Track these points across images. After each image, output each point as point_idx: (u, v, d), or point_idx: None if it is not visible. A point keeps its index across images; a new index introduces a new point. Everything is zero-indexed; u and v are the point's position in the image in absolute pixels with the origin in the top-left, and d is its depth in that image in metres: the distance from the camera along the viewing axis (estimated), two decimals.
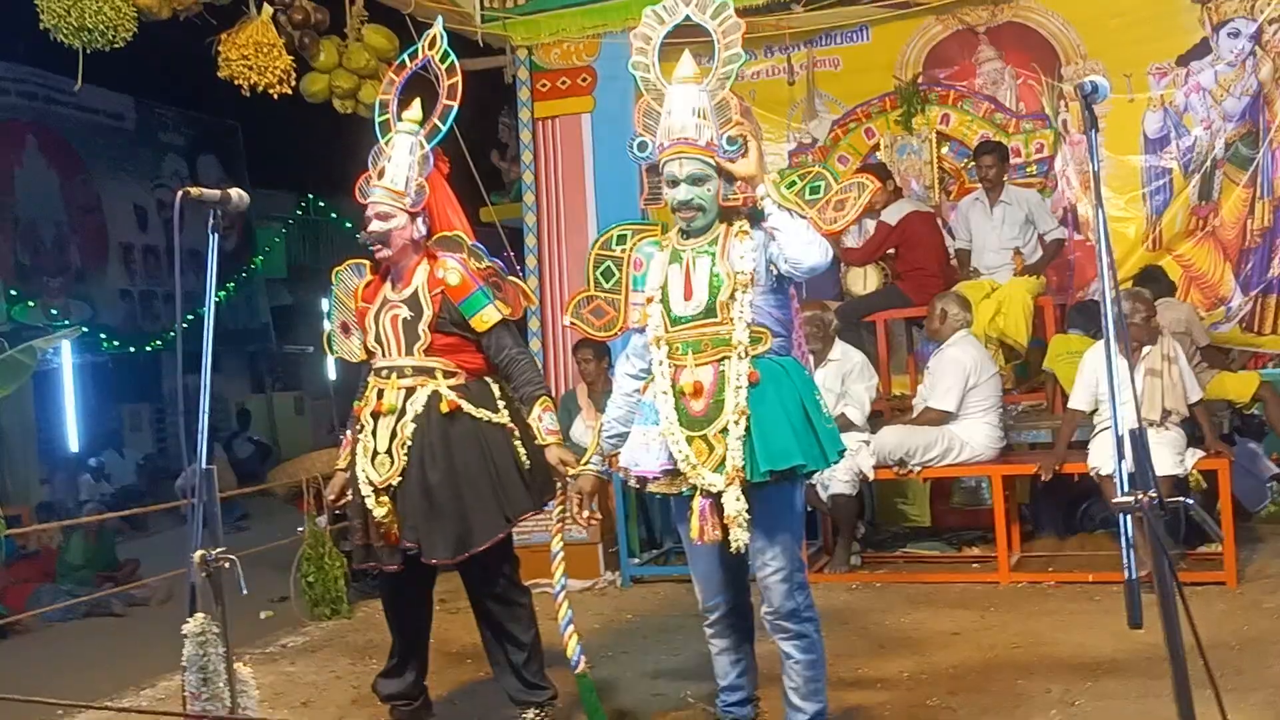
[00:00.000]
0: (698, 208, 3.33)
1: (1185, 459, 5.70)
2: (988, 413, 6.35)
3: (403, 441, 3.91)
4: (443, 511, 3.89)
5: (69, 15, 5.14)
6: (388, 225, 3.95)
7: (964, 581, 6.20)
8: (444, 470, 3.90)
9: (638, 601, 6.39)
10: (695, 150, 3.30)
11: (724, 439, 3.25)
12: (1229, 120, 7.35)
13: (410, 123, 4.07)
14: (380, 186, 3.97)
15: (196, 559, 2.63)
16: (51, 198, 13.89)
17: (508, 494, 3.96)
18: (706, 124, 3.31)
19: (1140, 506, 2.01)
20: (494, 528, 3.93)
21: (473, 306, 3.97)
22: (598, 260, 3.78)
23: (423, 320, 3.94)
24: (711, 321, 3.34)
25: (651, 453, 3.39)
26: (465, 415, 3.93)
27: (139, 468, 14.68)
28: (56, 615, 7.89)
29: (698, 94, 3.34)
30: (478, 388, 4.02)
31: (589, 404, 7.27)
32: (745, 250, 3.32)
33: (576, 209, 8.07)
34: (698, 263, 3.37)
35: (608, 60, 7.95)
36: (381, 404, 3.96)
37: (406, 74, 4.22)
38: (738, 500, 3.21)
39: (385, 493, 3.92)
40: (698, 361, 3.34)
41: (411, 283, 4.00)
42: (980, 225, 7.50)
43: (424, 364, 3.95)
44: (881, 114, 8.28)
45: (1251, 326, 7.20)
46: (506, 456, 3.98)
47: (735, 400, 3.25)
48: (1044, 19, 7.88)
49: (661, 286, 3.43)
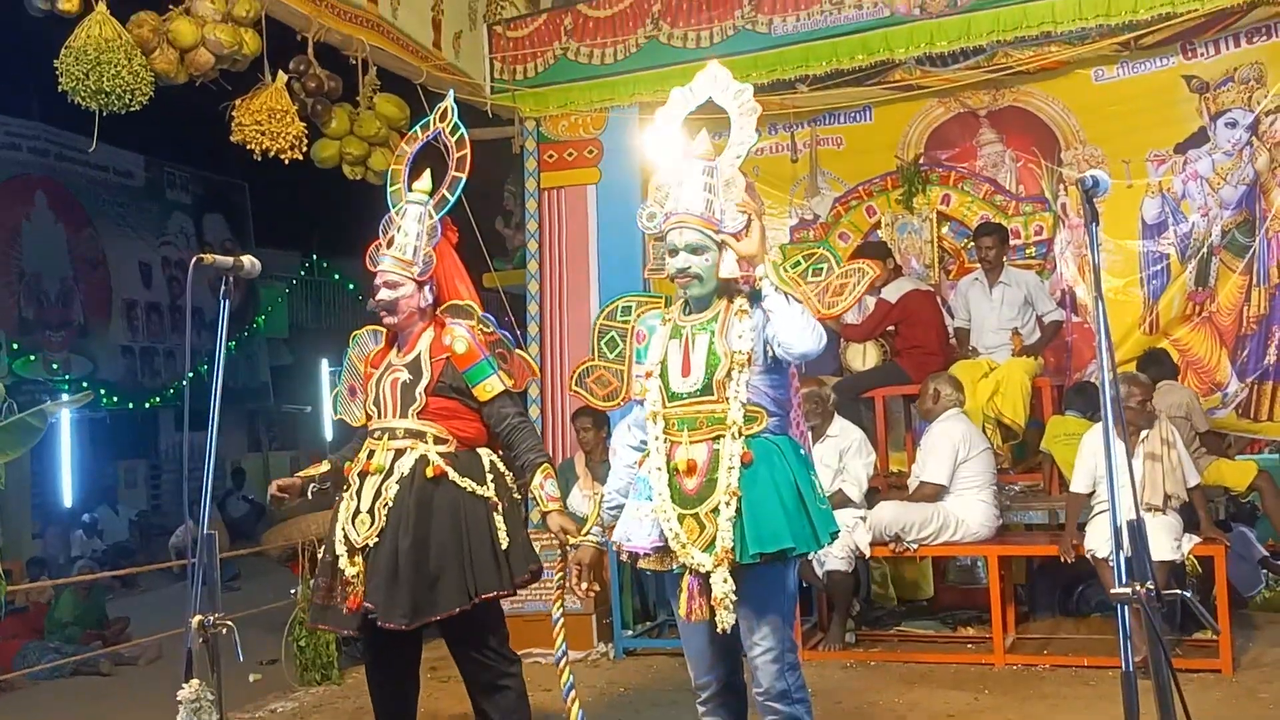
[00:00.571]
0: (694, 275, 3.36)
1: (1182, 544, 5.70)
2: (981, 489, 6.36)
3: (385, 502, 3.91)
4: (406, 576, 3.85)
5: (88, 79, 5.21)
6: (395, 294, 4.01)
7: (959, 662, 6.17)
8: (415, 535, 3.87)
9: (631, 674, 6.35)
10: (696, 221, 3.35)
11: (715, 518, 3.26)
12: (1226, 208, 7.43)
13: (420, 193, 4.14)
14: (389, 255, 4.03)
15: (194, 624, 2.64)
16: (58, 252, 13.98)
17: (476, 570, 3.91)
18: (713, 199, 3.37)
19: (1138, 597, 2.02)
20: (454, 601, 3.87)
21: (477, 375, 4.00)
22: (602, 330, 3.81)
23: (421, 384, 3.97)
24: (708, 399, 3.35)
25: (643, 529, 3.39)
26: (449, 483, 3.93)
27: (132, 524, 14.62)
28: (43, 673, 7.82)
29: (708, 169, 3.40)
30: (467, 457, 4.01)
31: (586, 473, 7.28)
32: (744, 329, 3.34)
33: (579, 279, 8.13)
34: (697, 339, 3.40)
35: (614, 133, 8.07)
36: (370, 464, 3.99)
37: (418, 145, 4.30)
38: (725, 582, 3.21)
39: (361, 552, 3.91)
40: (692, 439, 3.34)
41: (415, 347, 4.05)
42: (979, 305, 7.56)
43: (416, 427, 3.97)
44: (883, 193, 8.37)
45: (1248, 413, 7.22)
46: (483, 532, 3.94)
47: (727, 481, 3.25)
48: (1044, 104, 8.00)
49: (661, 361, 3.45)
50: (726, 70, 3.55)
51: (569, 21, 8.00)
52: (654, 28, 7.73)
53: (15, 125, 13.18)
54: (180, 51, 5.66)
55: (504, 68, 8.18)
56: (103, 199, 14.77)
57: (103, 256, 14.68)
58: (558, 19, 8.07)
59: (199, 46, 5.69)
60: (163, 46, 5.61)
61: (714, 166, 3.41)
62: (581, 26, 7.96)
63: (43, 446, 13.63)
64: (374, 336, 4.30)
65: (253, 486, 16.35)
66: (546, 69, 8.09)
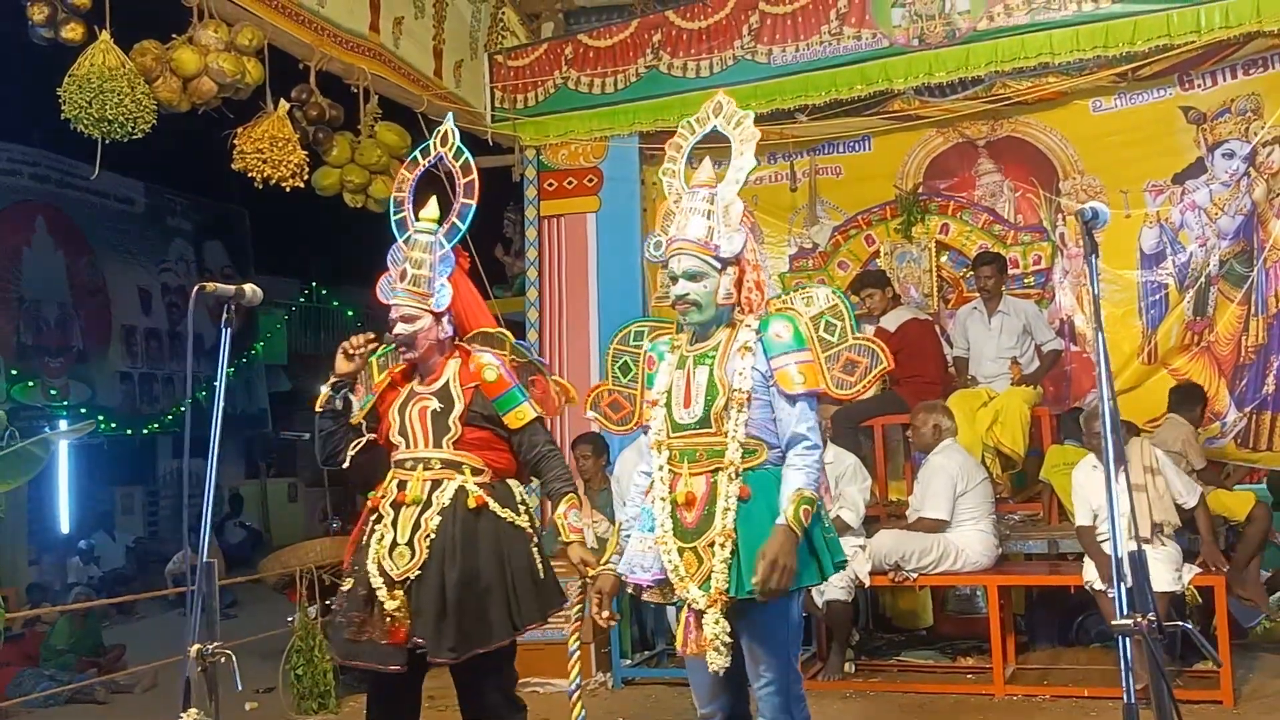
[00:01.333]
0: (692, 302, 3.35)
1: (1182, 575, 5.68)
2: (981, 519, 6.36)
3: (426, 534, 3.80)
4: (456, 609, 3.76)
5: (90, 107, 5.22)
6: (413, 327, 3.90)
7: (959, 692, 6.14)
8: (463, 567, 3.79)
9: (629, 703, 6.32)
10: (693, 248, 3.34)
11: (711, 553, 3.24)
12: (1224, 238, 7.45)
13: (429, 221, 4.03)
14: (403, 289, 3.92)
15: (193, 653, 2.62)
16: (57, 278, 14.00)
17: (520, 601, 3.85)
18: (712, 225, 3.37)
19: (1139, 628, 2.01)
20: (502, 632, 3.82)
21: (508, 403, 3.91)
22: (615, 355, 3.80)
23: (454, 413, 3.88)
24: (706, 432, 3.33)
25: (646, 561, 3.37)
26: (490, 513, 3.86)
27: (129, 551, 14.57)
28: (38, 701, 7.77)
29: (708, 196, 3.41)
30: (502, 488, 3.95)
31: (585, 500, 7.26)
32: (744, 367, 3.32)
33: (579, 307, 8.14)
34: (697, 370, 3.38)
35: (614, 162, 8.10)
36: (405, 494, 3.86)
37: (419, 170, 4.20)
38: (716, 623, 3.18)
39: (400, 585, 3.79)
40: (692, 471, 3.33)
41: (442, 376, 3.96)
42: (978, 334, 7.57)
43: (452, 457, 3.88)
44: (882, 222, 8.39)
45: (1246, 442, 7.21)
46: (524, 561, 3.89)
47: (722, 522, 3.23)
48: (1042, 135, 8.04)
49: (666, 390, 3.44)
50: (731, 100, 3.55)
51: (569, 51, 8.05)
52: (654, 58, 7.77)
53: (17, 152, 13.22)
54: (183, 80, 5.70)
55: (504, 96, 8.22)
56: (103, 225, 14.79)
57: (102, 283, 14.69)
58: (558, 49, 8.11)
59: (202, 75, 5.72)
60: (165, 75, 5.64)
61: (714, 193, 3.41)
62: (582, 56, 8.00)
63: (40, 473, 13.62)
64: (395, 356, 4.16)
65: (250, 513, 16.33)
66: (547, 98, 8.13)
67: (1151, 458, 5.82)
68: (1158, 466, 5.80)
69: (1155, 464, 5.80)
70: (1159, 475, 5.78)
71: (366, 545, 3.90)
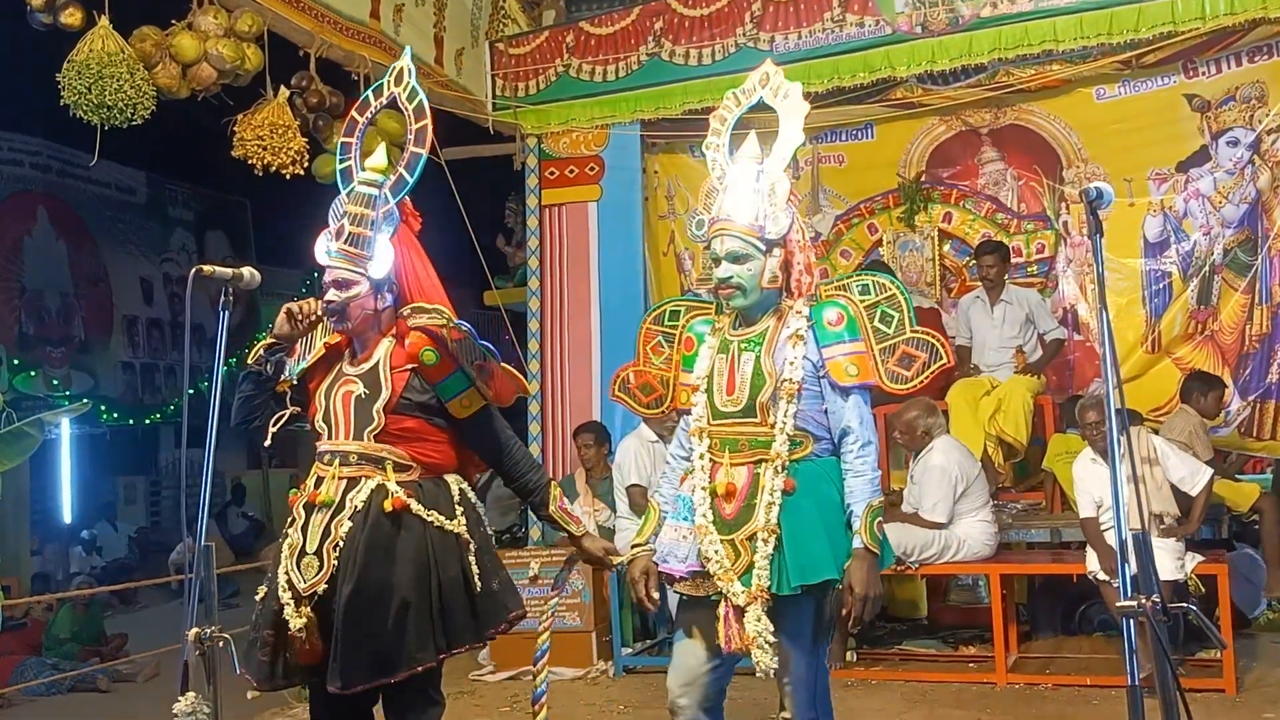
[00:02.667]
0: (736, 286, 3.18)
1: (1185, 563, 5.67)
2: (980, 510, 6.34)
3: (335, 542, 3.28)
4: (366, 630, 3.23)
5: (89, 93, 5.22)
6: (347, 295, 3.38)
7: (960, 681, 6.13)
8: (369, 580, 3.25)
9: (630, 692, 6.31)
10: (738, 229, 3.17)
11: (750, 547, 3.09)
12: (1228, 227, 7.42)
13: (374, 171, 3.51)
14: (339, 249, 3.40)
15: (191, 637, 2.61)
16: (59, 268, 14.00)
17: (448, 619, 3.31)
18: (759, 204, 3.18)
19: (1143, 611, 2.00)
20: (423, 657, 3.26)
21: (452, 389, 3.40)
22: (649, 334, 3.55)
23: (379, 400, 3.35)
24: (750, 421, 3.16)
25: (681, 551, 3.21)
26: (413, 518, 3.31)
27: (131, 541, 14.60)
28: (41, 689, 7.79)
29: (755, 173, 3.23)
30: (432, 487, 3.40)
31: (587, 489, 7.26)
32: (795, 356, 3.15)
33: (580, 296, 8.13)
34: (742, 357, 3.21)
35: (616, 150, 8.07)
36: (318, 494, 3.35)
37: (370, 113, 3.68)
38: (759, 620, 3.03)
39: (308, 601, 3.29)
40: (734, 461, 3.17)
41: (373, 356, 3.43)
42: (981, 323, 7.55)
43: (372, 452, 3.35)
44: (884, 210, 8.37)
45: (1250, 432, 7.19)
46: (455, 573, 3.34)
47: (766, 517, 3.08)
48: (1046, 123, 8.00)
49: (707, 376, 3.27)
50: (779, 71, 3.38)
51: (571, 39, 8.02)
52: (656, 45, 7.75)
53: (18, 141, 13.23)
54: (182, 66, 5.69)
55: (505, 85, 8.19)
56: (104, 215, 14.79)
57: (104, 273, 14.70)
58: (559, 36, 8.09)
59: (201, 61, 5.71)
60: (165, 61, 5.63)
61: (762, 170, 3.24)
62: (583, 44, 7.98)
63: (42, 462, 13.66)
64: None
65: (252, 503, 16.33)
66: (548, 86, 8.10)
67: (1149, 448, 5.79)
68: (1155, 457, 5.77)
69: (1153, 454, 5.77)
70: (1156, 466, 5.75)
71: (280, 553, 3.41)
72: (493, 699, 6.29)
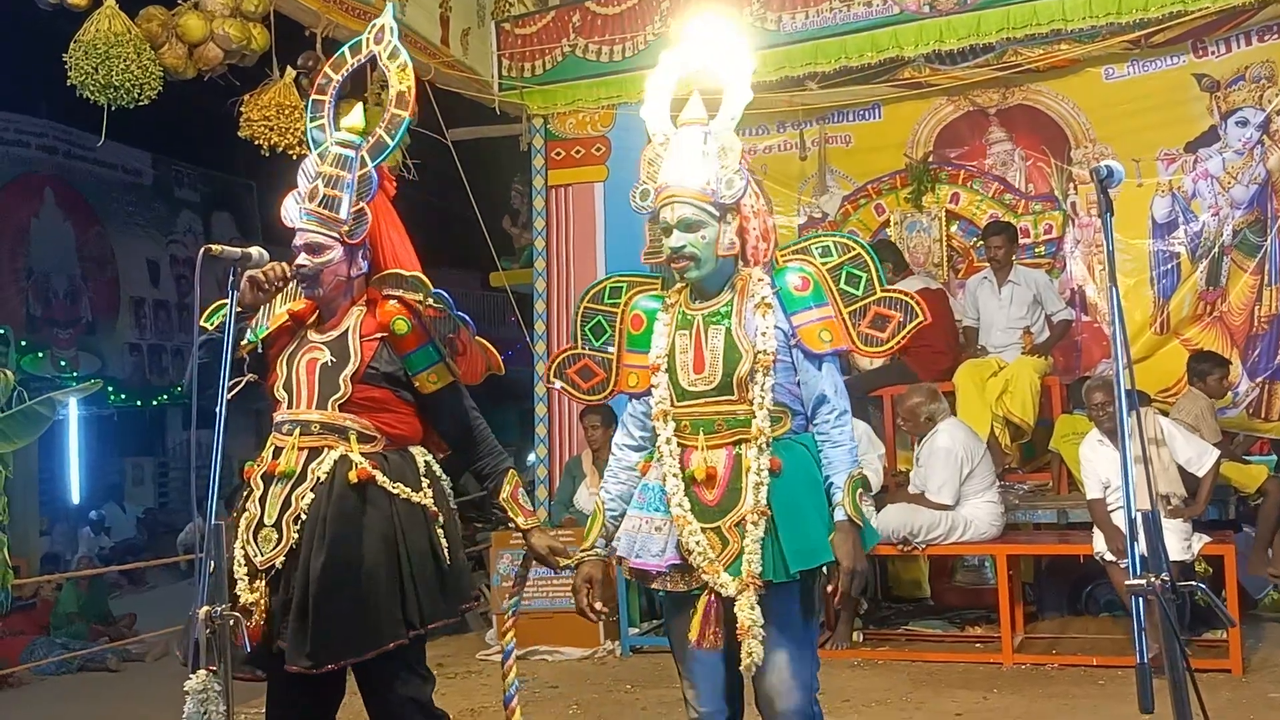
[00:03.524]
0: (690, 256, 2.95)
1: (1191, 544, 5.67)
2: (986, 491, 6.35)
3: (296, 514, 3.14)
4: (323, 606, 3.07)
5: (96, 73, 5.22)
6: (319, 260, 3.23)
7: (967, 661, 6.15)
8: (335, 555, 3.10)
9: (637, 672, 6.33)
10: (690, 194, 2.94)
11: (739, 534, 2.86)
12: (1237, 207, 7.40)
13: (350, 132, 3.35)
14: (312, 210, 3.25)
15: (201, 615, 2.62)
16: (66, 250, 14.03)
17: (419, 594, 3.17)
18: (709, 167, 2.96)
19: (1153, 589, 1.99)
20: (391, 633, 3.12)
21: (421, 363, 3.26)
22: (587, 314, 3.31)
23: (346, 369, 3.20)
24: (726, 399, 2.94)
25: (655, 544, 2.97)
26: (378, 490, 3.17)
27: (139, 522, 14.66)
28: (50, 669, 7.83)
29: (701, 135, 3.00)
30: (397, 459, 3.26)
31: (594, 470, 7.27)
32: (766, 326, 2.93)
33: (587, 276, 8.08)
34: (709, 331, 2.98)
35: (622, 130, 8.04)
36: (277, 465, 3.20)
37: (346, 70, 3.49)
38: (751, 609, 2.81)
39: (265, 575, 3.14)
40: (710, 443, 2.94)
41: (342, 324, 3.29)
42: (988, 304, 7.54)
43: (335, 421, 3.20)
44: (892, 191, 8.35)
45: (1259, 413, 7.18)
46: (424, 547, 3.21)
47: (756, 498, 2.86)
48: (1054, 103, 7.97)
49: (667, 354, 3.03)
50: (720, 20, 3.16)
51: (577, 19, 7.98)
52: (662, 24, 7.71)
53: (24, 123, 13.25)
54: (189, 46, 5.69)
55: (512, 65, 8.16)
56: (111, 197, 14.82)
57: (111, 254, 14.73)
58: (566, 16, 8.05)
59: (208, 41, 5.71)
60: (171, 41, 5.63)
61: (709, 132, 3.00)
62: (590, 23, 7.94)
63: (50, 443, 13.71)
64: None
65: None
66: (554, 66, 8.07)
67: (1156, 429, 5.79)
68: (1162, 438, 5.78)
69: (1160, 435, 5.78)
70: (1163, 447, 5.75)
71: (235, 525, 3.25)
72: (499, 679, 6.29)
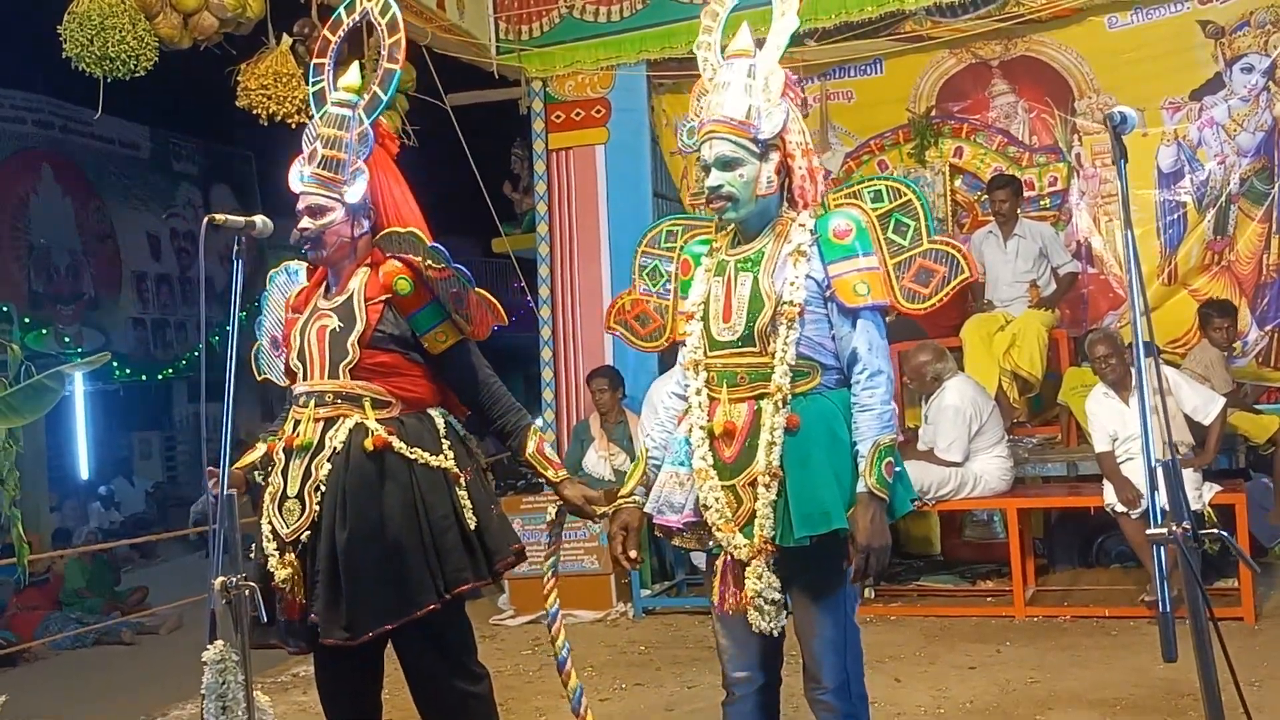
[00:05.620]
0: (727, 196, 2.79)
1: (1202, 493, 5.67)
2: (996, 446, 6.35)
3: (316, 484, 3.13)
4: (351, 577, 3.08)
5: (92, 44, 5.17)
6: (321, 221, 3.23)
7: (979, 615, 6.17)
8: (359, 525, 3.10)
9: (650, 633, 6.36)
10: (727, 129, 2.78)
11: (753, 493, 2.76)
12: (1243, 155, 7.34)
13: (347, 91, 3.32)
14: (313, 173, 3.25)
15: (217, 585, 2.62)
16: (66, 226, 13.99)
17: (443, 559, 3.14)
18: (751, 101, 2.80)
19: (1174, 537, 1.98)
20: (419, 600, 3.10)
21: (427, 321, 3.22)
22: (644, 259, 3.20)
23: (353, 333, 3.18)
24: (749, 351, 2.80)
25: (677, 498, 2.87)
26: (395, 456, 3.14)
27: (148, 496, 14.71)
28: (65, 643, 7.88)
29: (747, 67, 2.84)
30: (415, 423, 3.22)
31: (602, 434, 7.27)
32: (797, 276, 2.77)
33: (590, 240, 8.08)
34: (739, 279, 2.83)
35: (622, 92, 7.98)
36: (296, 437, 3.20)
37: (343, 30, 3.48)
38: (759, 578, 2.72)
39: (293, 548, 3.15)
40: (732, 397, 2.81)
41: (347, 288, 3.26)
42: (994, 258, 7.49)
43: (349, 389, 3.18)
44: (895, 146, 8.28)
45: (1268, 361, 7.17)
46: (445, 511, 3.17)
47: (767, 459, 2.73)
48: (1057, 53, 7.89)
49: (703, 302, 2.90)
50: None
51: None
52: None
53: (20, 99, 13.16)
54: (184, 15, 5.62)
55: (509, 28, 8.08)
56: (109, 171, 14.75)
57: (111, 229, 14.68)
58: None
59: (202, 10, 5.64)
60: (166, 11, 5.56)
61: (753, 64, 2.85)
62: None
63: (58, 419, 13.73)
64: (294, 274, 3.58)
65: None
66: (552, 28, 7.99)
67: (1164, 378, 5.77)
68: (1169, 388, 5.77)
69: (1168, 384, 5.76)
70: (1170, 397, 5.74)
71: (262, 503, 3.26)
72: (514, 643, 6.34)
